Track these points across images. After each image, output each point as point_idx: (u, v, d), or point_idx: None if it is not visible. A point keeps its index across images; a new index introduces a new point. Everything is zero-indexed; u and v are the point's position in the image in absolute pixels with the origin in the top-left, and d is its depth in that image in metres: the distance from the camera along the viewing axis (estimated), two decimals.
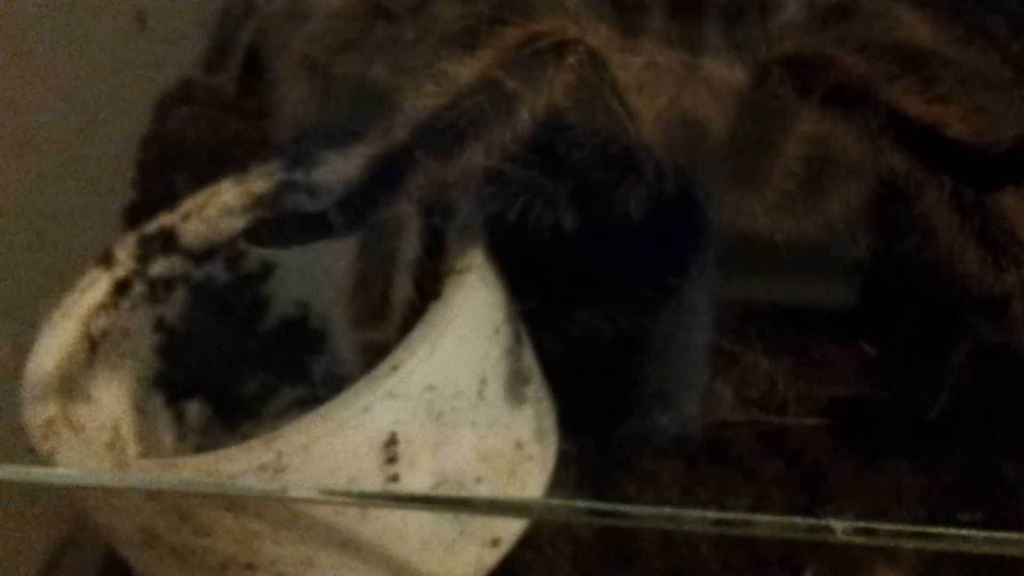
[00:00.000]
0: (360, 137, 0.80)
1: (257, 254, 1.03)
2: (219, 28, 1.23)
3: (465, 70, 0.79)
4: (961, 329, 0.91)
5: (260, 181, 1.02)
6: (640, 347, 0.95)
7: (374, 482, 0.80)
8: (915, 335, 0.94)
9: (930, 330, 0.93)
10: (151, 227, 1.00)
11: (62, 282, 0.95)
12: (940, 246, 0.81)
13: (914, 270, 0.90)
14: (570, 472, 0.96)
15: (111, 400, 0.96)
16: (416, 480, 0.82)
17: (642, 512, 0.83)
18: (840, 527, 0.66)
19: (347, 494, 0.80)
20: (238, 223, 1.01)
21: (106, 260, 0.98)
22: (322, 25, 0.95)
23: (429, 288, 0.86)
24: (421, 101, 0.78)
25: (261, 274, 1.04)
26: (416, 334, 0.82)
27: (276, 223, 0.83)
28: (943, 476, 0.92)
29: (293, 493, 0.76)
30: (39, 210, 1.09)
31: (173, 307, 1.01)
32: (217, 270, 1.02)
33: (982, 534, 0.65)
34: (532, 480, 0.90)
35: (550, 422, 0.94)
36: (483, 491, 0.86)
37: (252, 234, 0.80)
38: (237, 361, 1.03)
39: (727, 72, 0.93)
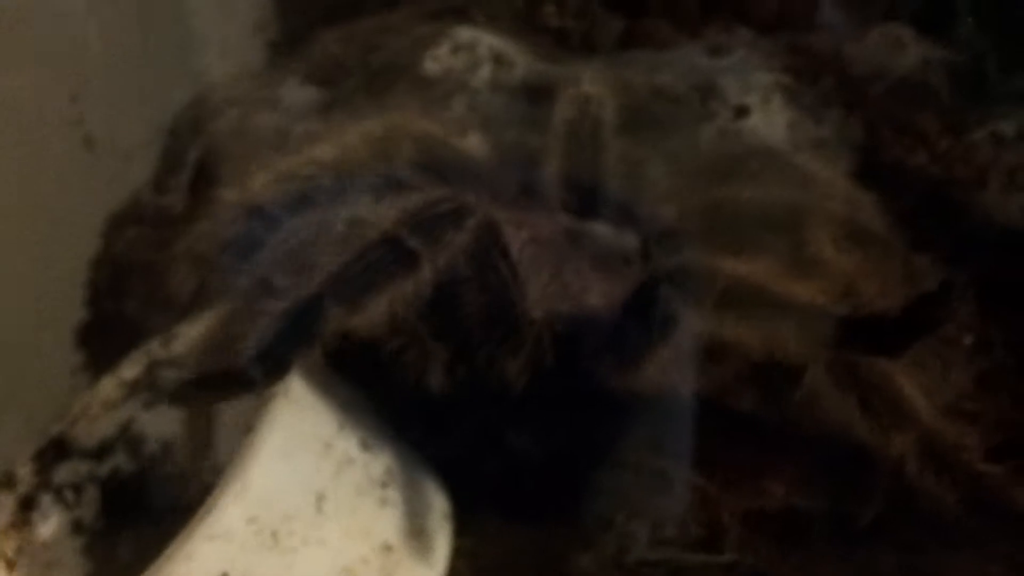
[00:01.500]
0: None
1: (156, 435, 1.03)
2: (167, 148, 1.28)
3: (371, 228, 0.83)
4: None
5: (132, 368, 1.02)
6: (574, 470, 0.94)
7: None
8: (841, 443, 0.91)
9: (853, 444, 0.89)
10: (42, 441, 1.01)
11: (15, 404, 0.97)
12: (830, 415, 0.86)
13: None
14: None
15: None
16: None
17: None
18: None
19: None
20: (123, 414, 1.02)
21: (7, 482, 0.99)
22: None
23: None
24: (331, 256, 0.83)
25: (166, 453, 1.03)
26: (227, 471, 0.80)
27: (197, 383, 0.85)
28: None
29: None
30: None
31: (88, 508, 1.01)
32: (121, 461, 1.03)
33: None
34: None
35: (434, 518, 0.91)
36: None
37: (176, 397, 0.88)
38: (167, 542, 1.02)
39: (616, 242, 0.97)
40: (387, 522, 0.87)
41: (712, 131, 1.19)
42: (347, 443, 0.87)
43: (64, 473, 1.01)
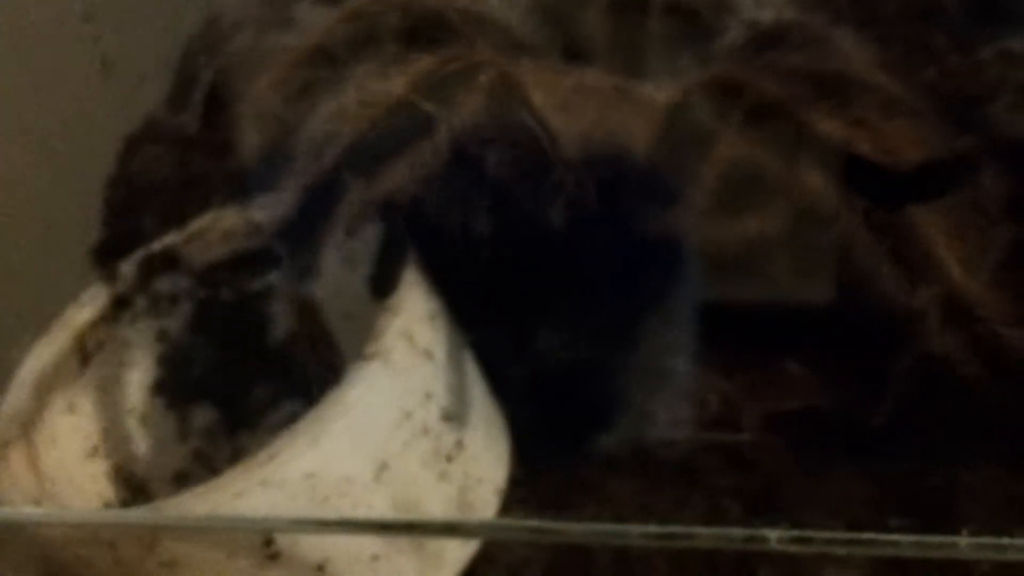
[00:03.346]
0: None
1: (264, 275, 1.00)
2: (181, 68, 1.26)
3: (383, 96, 0.81)
4: (901, 336, 0.85)
5: (260, 212, 0.97)
6: (593, 369, 0.92)
7: (252, 561, 0.77)
8: (856, 344, 0.90)
9: (870, 338, 0.87)
10: (156, 246, 0.98)
11: (34, 322, 0.94)
12: (858, 265, 0.82)
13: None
14: (526, 495, 0.91)
15: (100, 408, 0.95)
16: (297, 559, 0.77)
17: (584, 529, 0.78)
18: (774, 536, 0.64)
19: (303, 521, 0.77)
20: (239, 247, 0.98)
21: (110, 276, 0.96)
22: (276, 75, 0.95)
23: None
24: (346, 127, 0.80)
25: (265, 293, 1.01)
26: (302, 423, 0.76)
27: (230, 263, 0.88)
28: (888, 480, 0.89)
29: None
30: (8, 250, 1.08)
31: (177, 320, 0.99)
32: (222, 288, 1.00)
33: (910, 538, 0.63)
34: (447, 555, 0.84)
35: (485, 494, 0.87)
36: (380, 569, 0.81)
37: (207, 280, 0.87)
38: (241, 371, 1.01)
39: (660, 93, 0.92)
40: (439, 496, 0.83)
41: (725, 46, 1.11)
42: (428, 413, 0.82)
43: (165, 283, 0.99)
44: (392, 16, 0.94)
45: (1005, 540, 0.62)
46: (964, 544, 0.63)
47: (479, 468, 0.86)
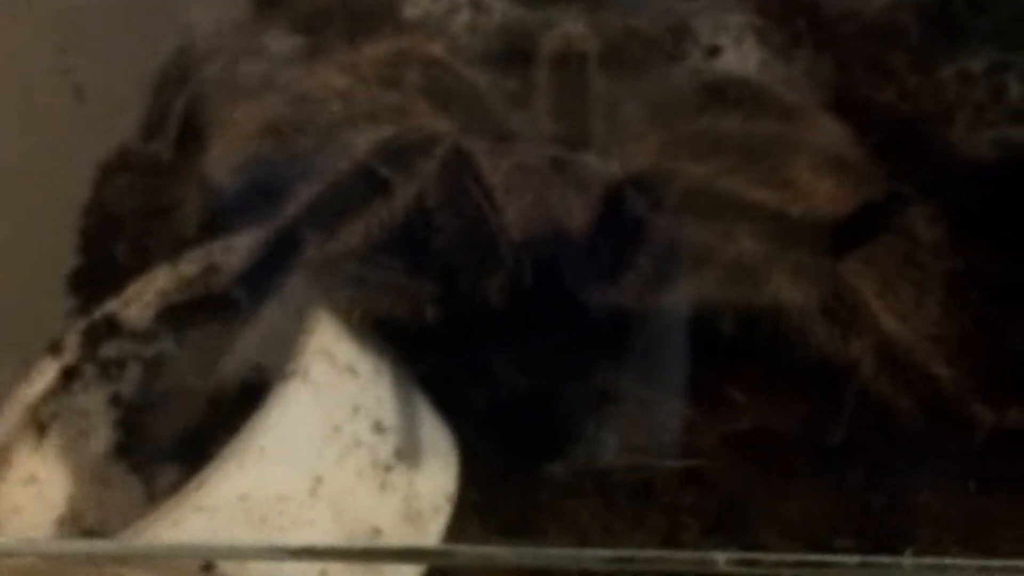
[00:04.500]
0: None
1: (203, 325, 1.02)
2: (154, 97, 1.24)
3: (343, 160, 0.84)
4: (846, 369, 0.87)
5: (190, 266, 1.00)
6: (556, 396, 0.94)
7: None
8: (810, 367, 0.89)
9: (822, 366, 0.88)
10: (96, 315, 1.00)
11: (10, 348, 0.97)
12: (792, 322, 0.84)
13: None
14: (488, 518, 0.93)
15: (63, 477, 0.96)
16: None
17: (536, 554, 0.77)
18: (722, 559, 0.66)
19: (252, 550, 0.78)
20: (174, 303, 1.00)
21: (55, 349, 0.98)
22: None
23: None
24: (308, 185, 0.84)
25: (209, 342, 1.02)
26: (228, 447, 0.78)
27: (186, 306, 0.89)
28: (845, 498, 0.90)
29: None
30: None
31: (127, 384, 1.01)
32: (167, 346, 1.01)
33: (855, 559, 0.65)
34: (400, 567, 0.85)
35: (433, 501, 0.88)
36: None
37: (165, 319, 0.88)
38: (201, 424, 1.02)
39: (601, 167, 0.94)
40: (382, 507, 0.84)
41: (685, 71, 1.17)
42: (359, 426, 0.83)
43: (111, 349, 1.01)
44: (411, 70, 0.98)
45: (947, 561, 0.66)
46: (908, 564, 0.65)
47: (424, 476, 0.87)
